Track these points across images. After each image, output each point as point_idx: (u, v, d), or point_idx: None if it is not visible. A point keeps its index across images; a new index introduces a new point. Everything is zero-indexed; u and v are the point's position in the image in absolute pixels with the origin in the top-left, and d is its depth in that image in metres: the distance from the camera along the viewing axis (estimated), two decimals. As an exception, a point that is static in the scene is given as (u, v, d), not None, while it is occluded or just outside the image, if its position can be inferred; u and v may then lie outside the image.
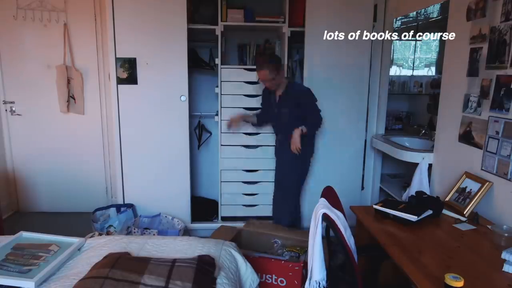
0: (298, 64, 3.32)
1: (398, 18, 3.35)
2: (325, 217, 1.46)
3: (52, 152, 3.67)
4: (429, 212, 1.93)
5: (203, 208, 3.54)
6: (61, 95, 3.53)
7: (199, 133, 3.60)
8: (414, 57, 3.88)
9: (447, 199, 2.17)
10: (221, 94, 3.13)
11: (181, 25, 2.96)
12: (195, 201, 3.42)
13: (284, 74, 2.90)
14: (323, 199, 1.56)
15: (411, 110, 3.88)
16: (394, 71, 3.79)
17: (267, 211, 3.22)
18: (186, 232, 3.23)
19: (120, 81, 3.01)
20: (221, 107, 3.15)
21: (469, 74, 2.15)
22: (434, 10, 3.37)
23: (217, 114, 3.24)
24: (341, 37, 3.06)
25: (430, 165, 2.56)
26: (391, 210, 1.92)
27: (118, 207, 3.17)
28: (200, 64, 3.42)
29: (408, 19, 3.65)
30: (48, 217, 3.68)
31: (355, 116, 3.22)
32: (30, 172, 3.70)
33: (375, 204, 2.01)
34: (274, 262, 2.33)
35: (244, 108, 3.14)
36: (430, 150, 2.61)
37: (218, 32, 3.04)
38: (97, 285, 1.45)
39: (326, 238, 1.69)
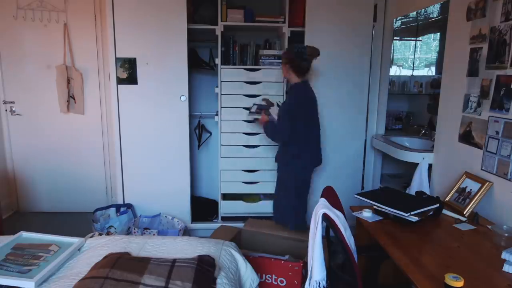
0: (298, 64, 3.31)
1: (398, 18, 3.35)
2: (325, 217, 1.46)
3: (52, 152, 3.67)
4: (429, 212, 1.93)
5: (203, 208, 3.54)
6: (61, 95, 3.54)
7: (199, 133, 3.60)
8: (414, 57, 3.87)
9: (447, 199, 2.17)
10: (221, 94, 3.13)
11: (181, 25, 2.96)
12: (195, 201, 3.42)
13: (293, 70, 2.57)
14: (323, 199, 1.56)
15: (411, 110, 3.88)
16: (394, 71, 3.78)
17: (268, 209, 3.22)
18: (186, 232, 3.23)
19: (120, 81, 3.01)
20: (221, 107, 3.15)
21: (469, 74, 2.15)
22: (434, 10, 3.37)
23: (217, 114, 3.24)
24: (341, 37, 3.06)
25: (430, 165, 2.56)
26: (389, 208, 1.91)
27: (118, 207, 3.18)
28: (200, 64, 3.42)
29: (408, 19, 3.65)
30: (48, 217, 3.68)
31: (355, 116, 3.22)
32: (30, 172, 3.71)
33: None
34: (274, 262, 2.33)
35: (244, 108, 3.14)
36: (430, 150, 2.61)
37: (218, 32, 3.04)
38: (97, 285, 1.45)
39: (326, 238, 1.69)
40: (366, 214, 1.99)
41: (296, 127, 2.53)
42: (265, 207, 3.26)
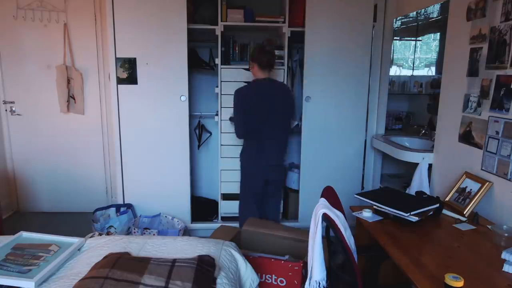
0: (298, 64, 3.32)
1: (398, 18, 3.35)
2: (325, 217, 1.46)
3: (52, 152, 3.67)
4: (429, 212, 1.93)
5: (203, 208, 3.54)
6: (61, 95, 3.54)
7: (199, 133, 3.60)
8: (414, 57, 3.87)
9: (447, 199, 2.17)
10: (221, 94, 3.13)
11: (181, 25, 2.96)
12: (195, 201, 3.42)
13: (254, 68, 2.70)
14: (323, 199, 1.55)
15: (411, 110, 3.88)
16: (394, 71, 3.78)
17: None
18: (186, 232, 3.23)
19: (120, 81, 3.01)
20: (221, 107, 3.15)
21: (469, 74, 2.15)
22: (434, 10, 3.37)
23: (217, 114, 3.24)
24: (340, 37, 3.06)
25: (430, 165, 2.56)
26: (389, 208, 1.91)
27: (118, 207, 3.18)
28: (200, 64, 3.42)
29: (408, 19, 3.65)
30: (48, 217, 3.68)
31: (355, 116, 3.22)
32: (30, 172, 3.71)
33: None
34: (274, 262, 2.33)
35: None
36: (430, 150, 2.61)
37: (218, 32, 3.04)
38: (97, 285, 1.45)
39: (326, 238, 1.69)
40: (366, 214, 1.99)
41: (242, 121, 2.68)
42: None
